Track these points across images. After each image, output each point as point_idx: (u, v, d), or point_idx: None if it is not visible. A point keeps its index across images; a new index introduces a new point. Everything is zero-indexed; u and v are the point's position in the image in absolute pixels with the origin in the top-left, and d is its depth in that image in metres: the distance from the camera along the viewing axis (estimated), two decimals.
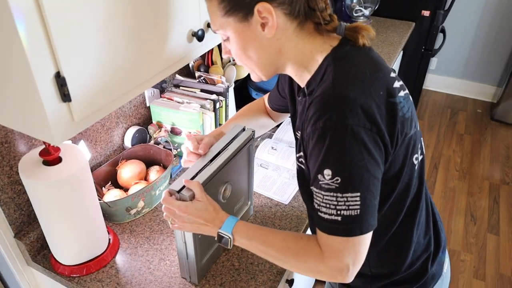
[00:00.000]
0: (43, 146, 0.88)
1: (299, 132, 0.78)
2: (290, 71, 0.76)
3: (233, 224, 0.77)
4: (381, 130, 0.65)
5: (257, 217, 1.15)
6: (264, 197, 1.21)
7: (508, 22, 3.07)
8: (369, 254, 0.75)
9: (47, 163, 0.87)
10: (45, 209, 0.89)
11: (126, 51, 0.73)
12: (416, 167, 0.77)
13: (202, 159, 0.90)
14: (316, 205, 0.68)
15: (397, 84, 0.72)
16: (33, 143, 1.01)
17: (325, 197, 0.66)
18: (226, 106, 1.36)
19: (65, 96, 0.63)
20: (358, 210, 0.65)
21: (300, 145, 0.77)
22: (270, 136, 1.45)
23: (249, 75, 1.59)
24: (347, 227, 0.66)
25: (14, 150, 0.97)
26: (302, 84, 0.76)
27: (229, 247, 0.77)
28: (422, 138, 0.80)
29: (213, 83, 1.35)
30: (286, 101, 0.96)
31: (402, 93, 0.72)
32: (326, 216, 0.67)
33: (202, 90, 1.34)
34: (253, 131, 0.99)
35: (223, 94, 1.32)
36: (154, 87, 1.36)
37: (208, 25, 0.95)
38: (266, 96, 1.11)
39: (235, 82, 1.51)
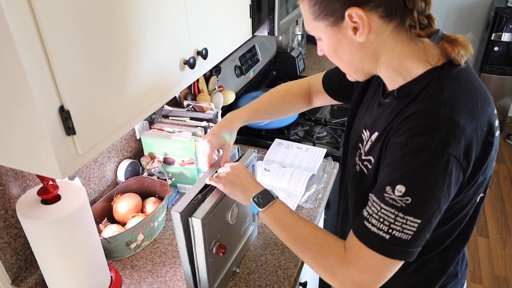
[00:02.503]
0: (40, 186, 0.86)
1: (368, 131, 0.76)
2: (382, 73, 0.72)
3: (276, 195, 0.80)
4: (469, 167, 0.63)
5: (260, 238, 1.14)
6: None
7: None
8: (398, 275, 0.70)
9: (46, 202, 0.85)
10: (45, 250, 0.86)
11: (125, 82, 0.73)
12: (475, 204, 0.73)
13: (201, 183, 0.90)
14: (366, 213, 0.65)
15: (496, 122, 0.68)
16: (27, 184, 0.99)
17: (383, 210, 0.62)
18: None
19: (70, 129, 0.63)
20: (410, 236, 0.62)
21: (371, 148, 0.73)
22: (261, 158, 1.46)
23: (236, 100, 1.63)
24: (390, 248, 0.63)
25: (9, 193, 0.95)
26: (392, 87, 0.72)
27: (260, 209, 0.77)
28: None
29: (202, 110, 1.36)
30: (350, 91, 0.94)
31: (497, 133, 0.68)
32: (374, 229, 0.64)
33: (191, 118, 1.34)
34: (255, 152, 1.00)
35: (213, 120, 1.33)
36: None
37: (198, 53, 0.97)
38: (315, 77, 1.07)
39: (222, 108, 1.53)
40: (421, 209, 0.61)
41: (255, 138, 1.59)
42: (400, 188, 0.61)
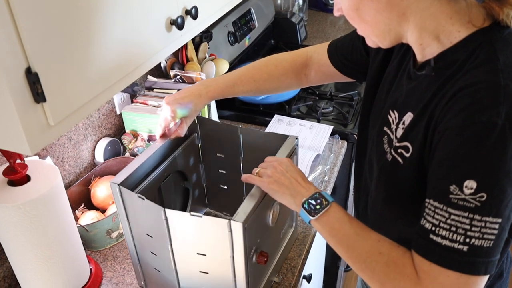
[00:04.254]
0: (6, 165, 0.84)
1: (397, 112, 0.71)
2: (412, 39, 0.67)
3: (332, 198, 0.74)
4: None
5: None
6: None
7: None
8: None
9: (13, 183, 0.83)
10: (14, 239, 0.85)
11: (102, 42, 0.70)
12: None
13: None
14: (429, 225, 0.60)
15: None
16: None
17: (452, 216, 0.57)
18: (208, 106, 1.35)
19: (39, 96, 0.60)
20: (492, 242, 0.56)
21: (407, 132, 0.68)
22: None
23: (229, 71, 1.60)
24: (471, 261, 0.57)
25: None
26: (424, 56, 0.67)
27: (312, 217, 0.72)
28: None
29: (192, 81, 1.34)
30: (365, 63, 0.89)
31: None
32: (445, 243, 0.58)
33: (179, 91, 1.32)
34: (297, 139, 0.94)
35: None
36: (124, 91, 1.34)
37: (187, 12, 0.94)
38: (315, 47, 1.01)
39: None
40: (500, 204, 0.55)
41: (251, 114, 1.58)
42: (470, 184, 0.55)
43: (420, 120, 0.65)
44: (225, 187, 1.13)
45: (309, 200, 0.74)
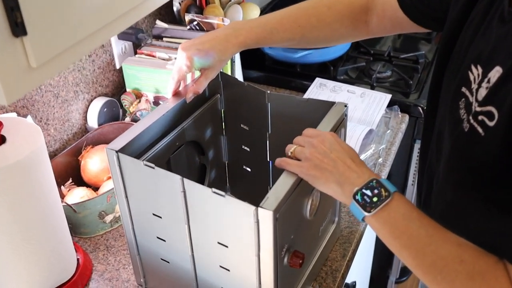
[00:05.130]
0: None
1: (480, 67, 0.70)
2: None
3: (394, 187, 0.71)
4: None
5: None
6: None
7: None
8: None
9: None
10: None
11: None
12: None
13: None
14: None
15: None
16: None
17: None
18: (232, 62, 1.36)
19: (18, 27, 0.58)
20: None
21: (492, 93, 0.67)
22: None
23: None
24: None
25: None
26: None
27: (367, 213, 0.70)
28: None
29: (211, 29, 1.33)
30: (444, 8, 0.88)
31: None
32: None
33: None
34: (346, 106, 0.92)
35: None
36: (126, 39, 1.35)
37: None
38: None
39: None
40: None
41: (285, 76, 1.58)
42: None
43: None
44: (248, 169, 1.12)
45: (363, 190, 0.71)
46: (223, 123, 1.09)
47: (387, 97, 1.44)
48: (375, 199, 0.70)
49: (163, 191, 0.81)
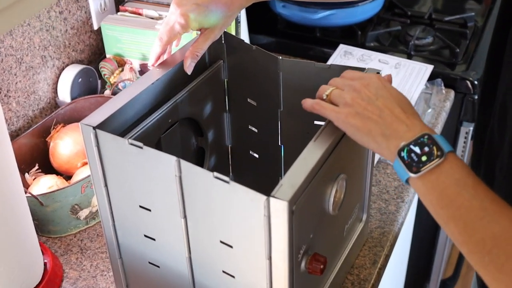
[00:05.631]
0: None
1: None
2: None
3: (450, 146, 0.71)
4: None
5: None
6: None
7: None
8: None
9: None
10: None
11: None
12: None
13: None
14: None
15: None
16: None
17: None
18: (237, 22, 1.34)
19: None
20: None
21: None
22: None
23: None
24: None
25: None
26: None
27: (413, 174, 0.70)
28: None
29: None
30: None
31: None
32: None
33: None
34: (379, 73, 0.92)
35: None
36: None
37: None
38: None
39: None
40: None
41: (302, 42, 1.60)
42: None
43: None
44: (256, 154, 1.13)
45: (411, 146, 0.71)
46: (226, 97, 1.08)
47: (428, 68, 1.43)
48: (424, 158, 0.70)
49: (153, 177, 0.81)
